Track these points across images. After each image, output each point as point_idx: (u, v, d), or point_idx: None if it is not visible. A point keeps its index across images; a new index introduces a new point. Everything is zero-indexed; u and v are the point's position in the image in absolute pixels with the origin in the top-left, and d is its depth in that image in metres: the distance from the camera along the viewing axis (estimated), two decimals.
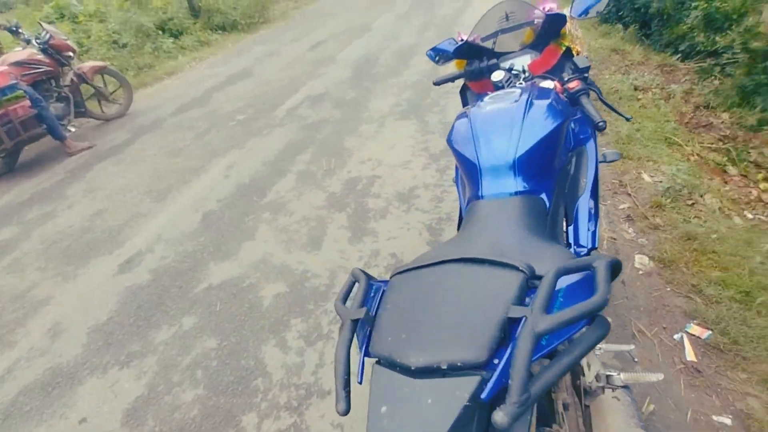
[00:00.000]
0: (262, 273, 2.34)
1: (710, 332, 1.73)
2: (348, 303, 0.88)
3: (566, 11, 1.65)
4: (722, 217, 2.46)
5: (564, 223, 1.45)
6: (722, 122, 3.63)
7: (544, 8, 1.69)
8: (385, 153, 3.32)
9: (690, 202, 2.50)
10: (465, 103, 1.97)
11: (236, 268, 2.41)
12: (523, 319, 0.62)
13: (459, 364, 0.63)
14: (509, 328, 0.65)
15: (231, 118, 4.46)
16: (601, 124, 1.33)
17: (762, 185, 2.89)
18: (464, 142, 1.33)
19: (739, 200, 2.74)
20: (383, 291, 0.88)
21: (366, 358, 0.79)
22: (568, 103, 1.40)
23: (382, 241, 2.42)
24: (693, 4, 4.82)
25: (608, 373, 1.00)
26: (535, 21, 1.71)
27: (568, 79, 1.51)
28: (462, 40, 1.78)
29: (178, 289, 2.33)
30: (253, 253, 2.50)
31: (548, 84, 1.52)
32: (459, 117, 1.46)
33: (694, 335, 1.74)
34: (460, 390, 0.61)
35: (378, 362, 0.72)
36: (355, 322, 0.78)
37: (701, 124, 3.62)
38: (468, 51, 1.73)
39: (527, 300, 0.70)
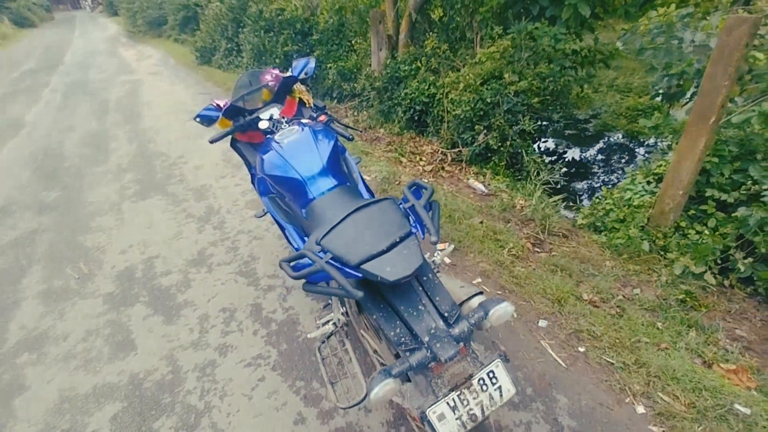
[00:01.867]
0: (74, 412, 1.87)
1: (452, 245, 2.77)
2: None
3: (288, 73, 2.29)
4: None
5: None
6: (383, 134, 5.31)
7: (272, 75, 2.28)
8: (146, 234, 3.10)
9: (397, 183, 3.70)
10: (239, 152, 2.34)
11: (26, 431, 1.82)
12: (414, 205, 1.17)
13: (403, 235, 1.14)
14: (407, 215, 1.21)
15: None
16: (351, 137, 2.02)
17: (421, 163, 4.51)
18: (281, 167, 1.74)
19: (416, 175, 4.21)
20: (322, 251, 1.21)
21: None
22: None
23: (203, 306, 2.39)
24: (328, 66, 6.69)
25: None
26: (269, 84, 2.27)
27: (317, 116, 2.16)
28: (218, 105, 2.14)
29: None
30: (40, 404, 1.92)
31: (307, 122, 2.11)
32: (264, 153, 1.85)
33: (443, 248, 2.73)
34: (413, 243, 1.13)
35: (359, 266, 1.10)
36: (329, 263, 1.10)
37: (373, 138, 5.18)
38: (232, 112, 2.11)
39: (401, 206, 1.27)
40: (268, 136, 2.01)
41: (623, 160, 5.74)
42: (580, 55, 4.63)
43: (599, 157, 5.91)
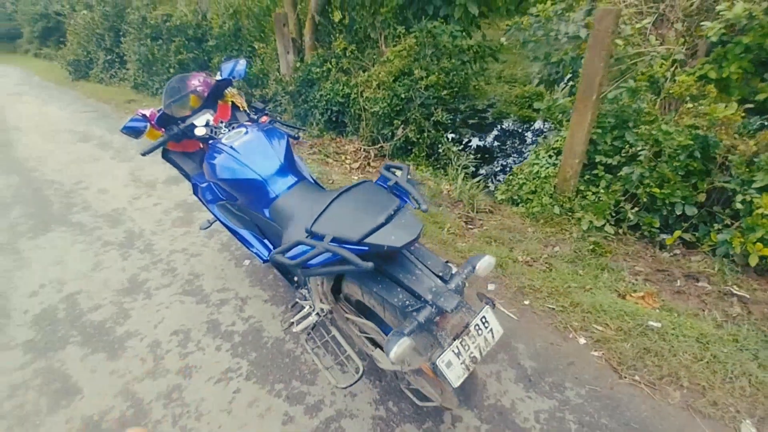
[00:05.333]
0: None
1: None
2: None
3: (218, 76, 2.22)
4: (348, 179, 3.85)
5: None
6: (303, 138, 5.29)
7: (200, 79, 2.19)
8: (58, 270, 2.73)
9: (330, 183, 3.74)
10: (173, 163, 2.21)
11: None
12: (397, 182, 1.27)
13: (396, 207, 1.23)
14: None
15: None
16: (297, 137, 2.04)
17: (347, 162, 4.61)
18: (236, 170, 1.71)
19: (344, 174, 4.29)
20: (314, 236, 1.26)
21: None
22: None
23: (150, 333, 2.20)
24: None
25: None
26: (197, 89, 2.18)
27: (258, 117, 2.13)
28: (144, 115, 2.01)
29: None
30: None
31: (246, 123, 2.07)
32: (212, 158, 1.79)
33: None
34: (408, 212, 1.23)
35: (362, 241, 1.16)
36: (331, 243, 1.16)
37: (293, 142, 5.13)
38: (162, 121, 1.99)
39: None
40: (211, 142, 1.94)
41: (521, 141, 6.46)
42: (473, 50, 5.10)
43: (501, 140, 6.57)
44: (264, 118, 2.15)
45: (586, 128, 3.17)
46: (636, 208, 3.11)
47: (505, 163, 5.65)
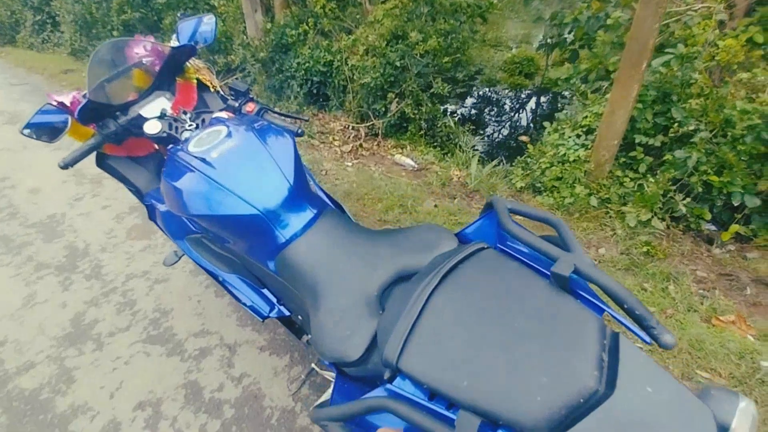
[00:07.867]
0: None
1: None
2: None
3: (173, 42, 1.52)
4: (343, 167, 3.23)
5: None
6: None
7: (147, 46, 1.48)
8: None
9: (323, 173, 3.11)
10: (114, 174, 1.53)
11: None
12: (574, 266, 0.73)
13: (607, 342, 0.68)
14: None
15: None
16: (300, 131, 1.41)
17: (336, 143, 3.95)
18: (218, 202, 1.08)
19: (336, 159, 3.65)
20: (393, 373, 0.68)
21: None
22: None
23: (105, 408, 1.59)
24: None
25: None
26: (144, 60, 1.48)
27: (240, 104, 1.47)
28: (62, 104, 1.31)
29: None
30: None
31: (224, 115, 1.41)
32: (173, 177, 1.14)
33: None
34: (637, 349, 0.65)
35: None
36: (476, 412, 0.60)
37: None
38: (91, 113, 1.30)
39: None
40: (171, 147, 1.28)
41: (518, 110, 5.94)
42: (464, 10, 4.43)
43: (496, 111, 6.01)
44: (250, 106, 1.48)
45: (630, 103, 2.66)
46: (686, 198, 2.69)
47: (509, 140, 5.13)
